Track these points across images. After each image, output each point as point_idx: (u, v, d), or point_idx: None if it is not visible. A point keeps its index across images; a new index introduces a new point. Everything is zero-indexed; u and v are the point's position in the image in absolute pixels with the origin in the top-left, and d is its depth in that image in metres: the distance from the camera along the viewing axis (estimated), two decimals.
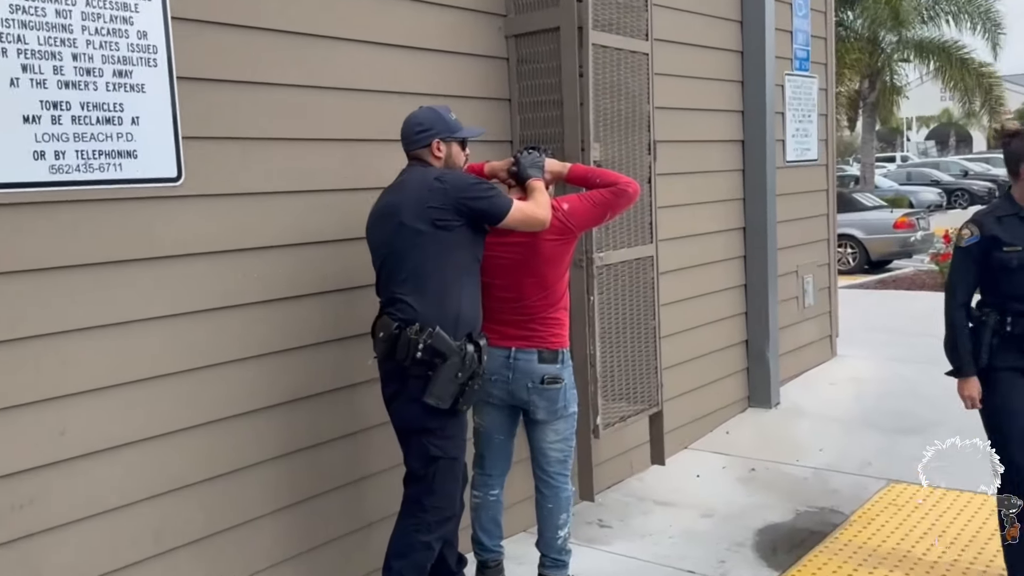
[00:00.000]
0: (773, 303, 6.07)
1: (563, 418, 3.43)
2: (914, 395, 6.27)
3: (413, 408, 3.03)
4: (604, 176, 3.38)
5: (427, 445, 3.05)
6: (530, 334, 3.35)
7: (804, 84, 6.68)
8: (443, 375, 2.97)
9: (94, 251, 2.79)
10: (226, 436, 3.15)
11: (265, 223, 3.25)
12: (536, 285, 3.33)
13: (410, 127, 3.17)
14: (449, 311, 3.02)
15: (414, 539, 3.08)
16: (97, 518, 2.82)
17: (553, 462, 3.48)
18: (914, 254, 14.55)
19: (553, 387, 3.35)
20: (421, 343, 2.95)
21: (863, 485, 4.81)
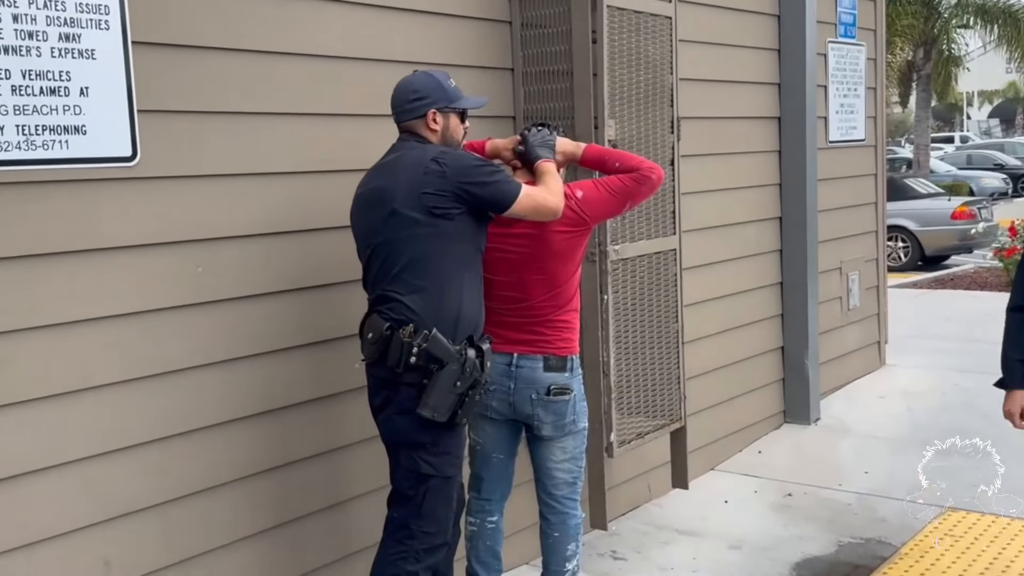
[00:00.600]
0: (813, 304, 6.08)
1: (572, 434, 3.43)
2: (974, 410, 6.27)
3: (404, 420, 3.03)
4: (623, 159, 3.37)
5: (418, 461, 3.06)
6: (535, 338, 3.35)
7: (850, 53, 6.69)
8: (440, 384, 2.97)
9: (28, 241, 2.78)
10: (187, 453, 3.16)
11: (232, 210, 3.26)
12: (544, 283, 3.33)
13: (403, 94, 3.16)
14: (448, 311, 3.03)
15: (400, 569, 3.09)
16: (35, 547, 2.83)
17: (560, 484, 3.48)
18: (975, 249, 14.56)
19: (561, 399, 3.36)
20: (416, 347, 2.96)
21: (914, 513, 4.82)
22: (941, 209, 14.56)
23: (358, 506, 3.62)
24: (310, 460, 3.49)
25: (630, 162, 3.35)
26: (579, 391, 3.42)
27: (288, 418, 3.42)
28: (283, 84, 3.38)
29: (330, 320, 3.52)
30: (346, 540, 3.61)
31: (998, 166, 28.66)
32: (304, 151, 3.45)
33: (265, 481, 3.37)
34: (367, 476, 3.60)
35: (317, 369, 3.50)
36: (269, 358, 3.36)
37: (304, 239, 3.45)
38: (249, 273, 3.30)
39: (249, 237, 3.30)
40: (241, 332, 3.29)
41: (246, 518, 3.32)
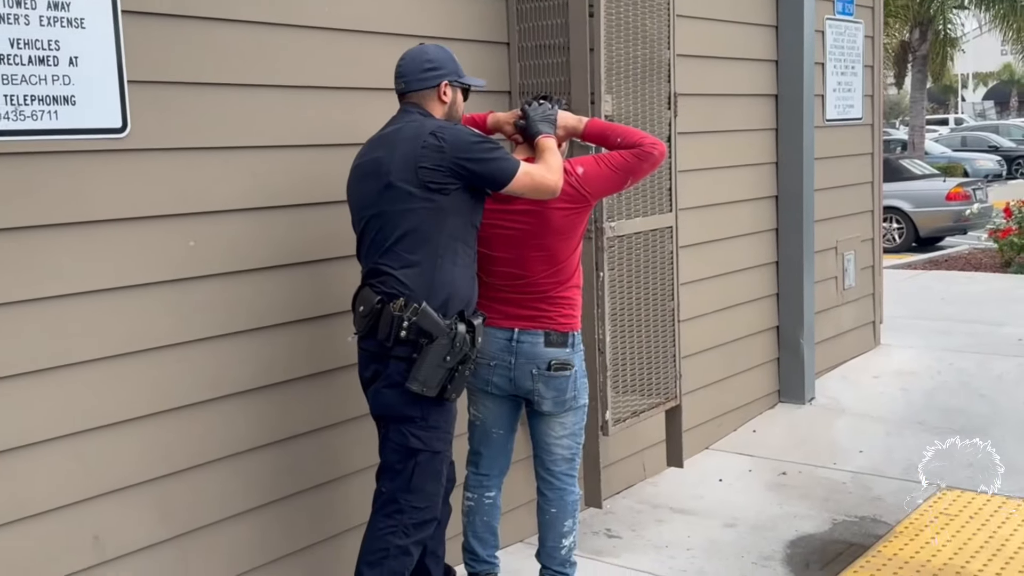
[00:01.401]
0: (809, 284, 6.06)
1: (572, 410, 3.42)
2: (969, 390, 6.28)
3: (393, 393, 3.02)
4: (626, 135, 3.33)
5: (407, 435, 3.05)
6: (537, 314, 3.33)
7: (848, 31, 6.65)
8: (429, 358, 2.96)
9: (16, 213, 2.74)
10: (179, 429, 3.13)
11: (225, 183, 3.22)
12: (544, 260, 3.31)
13: (416, 63, 3.13)
14: (440, 286, 3.01)
15: (388, 543, 3.08)
16: (24, 522, 2.80)
17: (559, 461, 3.47)
18: (969, 230, 14.58)
19: (561, 374, 3.34)
20: (406, 321, 2.94)
21: (910, 492, 4.82)
22: (936, 190, 14.56)
23: (351, 483, 3.61)
24: (303, 437, 3.48)
25: (632, 137, 3.31)
26: (580, 367, 3.41)
27: (281, 394, 3.40)
28: (276, 56, 3.34)
29: (324, 295, 3.49)
30: (339, 517, 3.59)
31: (992, 148, 28.69)
32: (298, 124, 3.41)
33: (258, 458, 3.35)
34: (360, 453, 3.58)
35: (311, 345, 3.47)
36: (262, 334, 3.33)
37: (298, 213, 3.42)
38: (242, 247, 3.27)
39: (242, 211, 3.27)
40: (234, 307, 3.26)
41: (238, 495, 3.30)
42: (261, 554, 3.37)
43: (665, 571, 4.08)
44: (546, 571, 3.55)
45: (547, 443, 3.46)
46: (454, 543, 3.64)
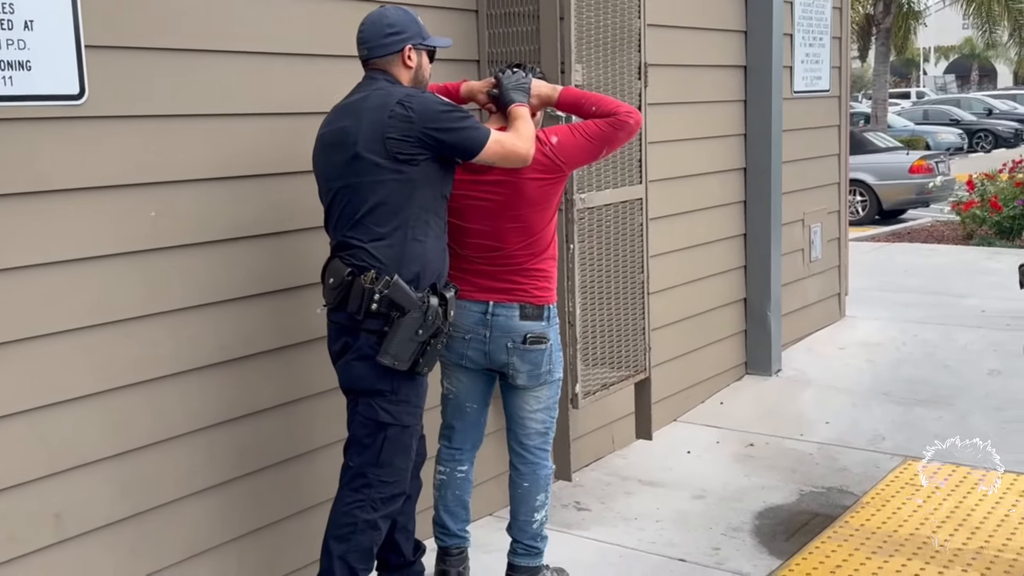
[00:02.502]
0: (776, 256, 6.07)
1: (547, 384, 3.39)
2: (933, 361, 6.34)
3: (363, 366, 2.98)
4: (601, 103, 3.27)
5: (376, 409, 3.01)
6: (512, 287, 3.29)
7: (816, 2, 6.62)
8: (401, 332, 2.92)
9: None
10: (142, 404, 3.06)
11: (187, 152, 3.13)
12: (519, 231, 3.26)
13: (378, 28, 3.04)
14: (411, 258, 2.96)
15: (356, 518, 3.04)
16: None
17: (533, 434, 3.45)
18: (932, 203, 14.71)
19: (537, 348, 3.31)
20: (377, 293, 2.89)
21: (875, 463, 4.86)
22: (899, 163, 14.65)
23: (319, 458, 3.56)
24: (269, 411, 3.42)
25: (607, 106, 3.26)
26: (555, 341, 3.37)
27: (247, 368, 3.34)
28: (239, 21, 3.25)
29: (290, 268, 3.42)
30: (306, 492, 3.55)
31: (954, 121, 28.95)
32: (263, 92, 3.33)
33: (223, 433, 3.29)
34: (328, 428, 3.53)
35: (277, 318, 3.41)
36: (227, 306, 3.26)
37: (264, 183, 3.34)
38: (206, 219, 3.19)
39: (206, 181, 3.18)
40: (197, 280, 3.18)
41: (203, 470, 3.24)
42: (226, 530, 3.32)
43: (634, 543, 4.08)
44: (517, 544, 3.53)
45: (521, 417, 3.43)
46: (424, 517, 3.61)
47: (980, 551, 3.91)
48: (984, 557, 3.87)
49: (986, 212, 11.30)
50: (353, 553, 3.05)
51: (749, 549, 4.03)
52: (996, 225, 11.13)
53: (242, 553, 3.37)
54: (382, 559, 3.34)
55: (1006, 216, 10.99)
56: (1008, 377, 5.73)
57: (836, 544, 4.03)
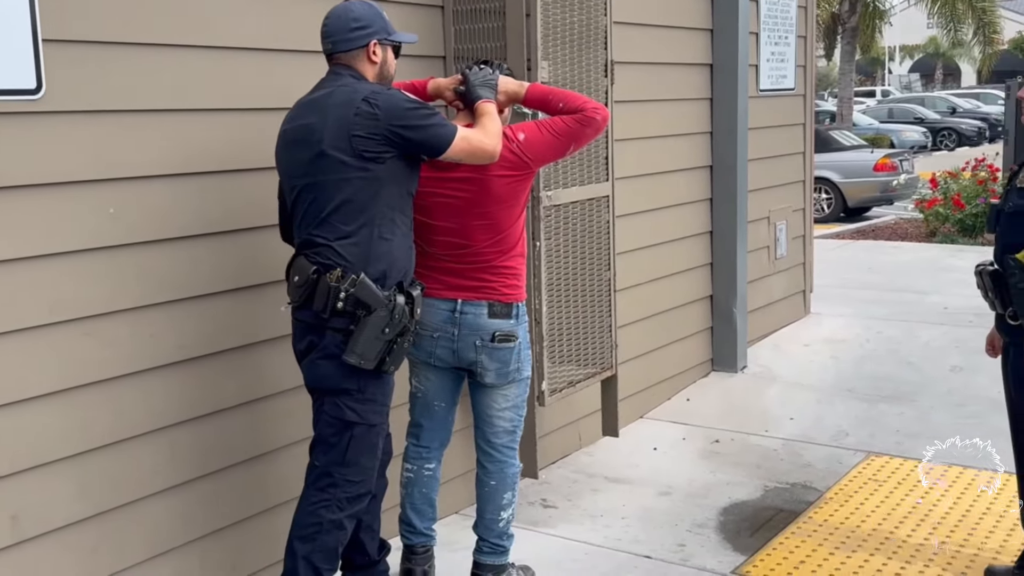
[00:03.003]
0: (742, 253, 6.10)
1: (515, 382, 3.38)
2: (896, 358, 6.40)
3: (329, 365, 2.95)
4: (568, 99, 3.26)
5: (342, 408, 2.98)
6: (480, 284, 3.27)
7: (781, 0, 6.65)
8: (368, 330, 2.89)
9: None
10: (101, 403, 3.02)
11: (147, 147, 3.09)
12: (487, 229, 3.24)
13: (343, 22, 3.00)
14: (377, 256, 2.94)
15: (321, 517, 3.02)
16: None
17: (500, 433, 3.44)
18: (896, 200, 14.85)
19: (505, 346, 3.30)
20: (343, 292, 2.87)
21: (839, 458, 4.90)
22: (864, 161, 14.77)
23: (282, 457, 3.53)
24: (232, 410, 3.38)
25: (574, 102, 3.25)
26: (524, 339, 3.37)
27: (209, 367, 3.30)
28: (202, 16, 3.20)
29: (253, 265, 3.39)
30: (270, 492, 3.51)
31: (918, 120, 29.25)
32: (226, 87, 3.29)
33: (185, 432, 3.25)
34: (292, 426, 3.50)
35: (239, 316, 3.37)
36: (188, 304, 3.23)
37: (226, 180, 3.31)
38: (166, 215, 3.15)
39: (166, 177, 3.14)
40: (157, 277, 3.14)
41: (165, 470, 3.20)
42: (188, 530, 3.28)
43: (600, 540, 4.08)
44: (483, 543, 3.52)
45: (489, 415, 3.42)
46: (389, 516, 3.59)
47: (942, 546, 3.95)
48: (946, 552, 3.90)
49: (949, 210, 11.42)
50: (318, 553, 3.02)
51: (714, 545, 4.04)
52: (959, 223, 11.26)
53: (204, 553, 3.34)
54: (347, 559, 3.31)
55: (968, 214, 11.11)
56: (970, 373, 5.80)
57: (800, 540, 4.05)
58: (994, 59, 25.04)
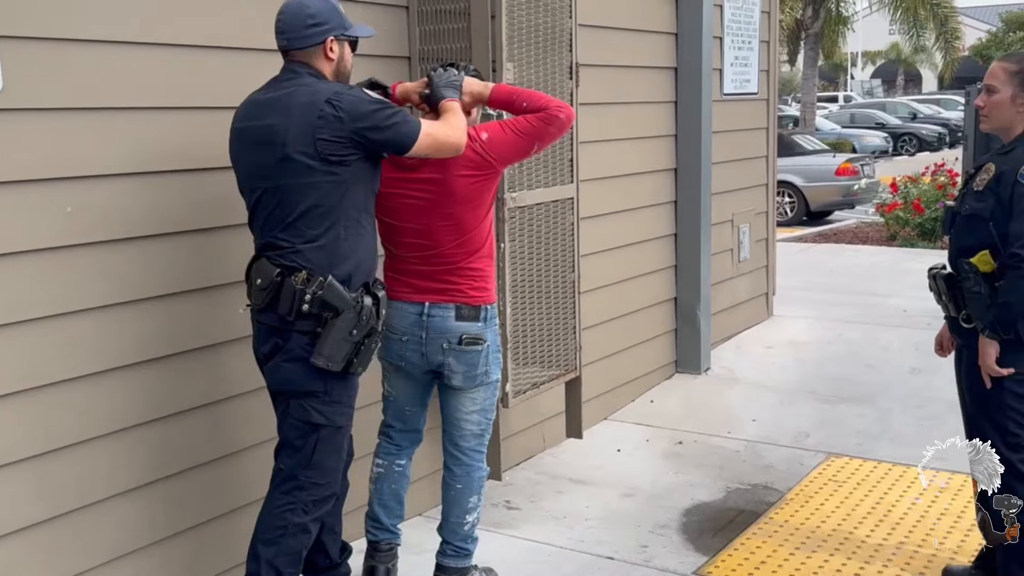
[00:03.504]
0: (706, 256, 6.14)
1: (483, 385, 3.38)
2: (857, 360, 6.47)
3: (294, 368, 2.93)
4: (532, 99, 3.26)
5: (309, 411, 2.97)
6: (447, 287, 3.27)
7: (745, 5, 6.71)
8: (335, 332, 2.88)
9: None
10: (60, 404, 2.99)
11: (105, 146, 3.06)
12: (452, 230, 3.24)
13: (298, 19, 2.95)
14: (343, 258, 2.92)
15: (287, 521, 3.00)
16: None
17: (468, 436, 3.43)
18: (857, 204, 15.01)
19: (473, 349, 3.29)
20: (309, 294, 2.85)
21: (800, 459, 4.94)
22: (826, 165, 14.91)
23: (244, 459, 3.50)
24: (194, 412, 3.35)
25: (538, 101, 3.25)
26: (493, 342, 3.36)
27: (169, 368, 3.27)
28: (160, 13, 3.17)
29: (213, 265, 3.36)
30: (232, 494, 3.49)
31: (880, 125, 29.58)
32: (185, 85, 3.26)
33: (145, 433, 3.22)
34: (254, 428, 3.48)
35: (201, 317, 3.34)
36: (147, 304, 3.19)
37: (185, 179, 3.28)
38: (125, 214, 3.12)
39: (124, 176, 3.11)
40: (116, 277, 3.11)
41: (126, 471, 3.17)
42: (150, 532, 3.25)
43: (563, 541, 4.09)
44: (447, 546, 3.51)
45: (457, 418, 3.42)
46: (351, 518, 3.58)
47: (900, 547, 4.00)
48: (904, 552, 3.95)
49: (909, 214, 11.56)
50: (282, 557, 3.01)
51: (676, 546, 4.06)
52: (919, 227, 11.40)
53: (166, 555, 3.31)
54: (309, 562, 3.29)
55: (928, 218, 11.26)
56: (928, 375, 5.87)
57: (761, 540, 4.09)
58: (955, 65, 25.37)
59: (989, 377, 3.27)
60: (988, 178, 3.25)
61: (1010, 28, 42.27)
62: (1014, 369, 3.24)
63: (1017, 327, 3.19)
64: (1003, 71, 3.27)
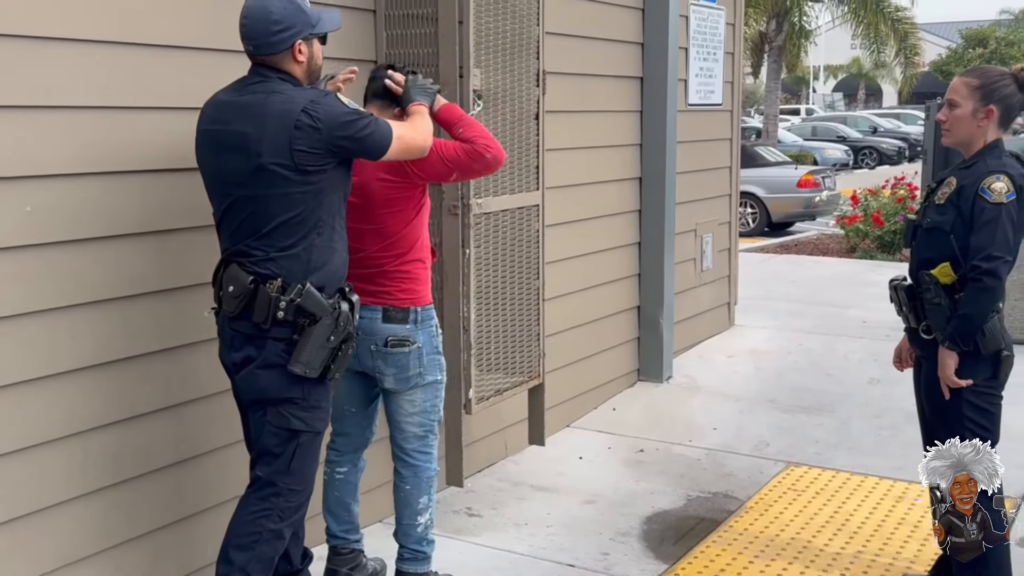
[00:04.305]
0: (669, 265, 6.16)
1: (419, 387, 3.38)
2: (817, 370, 6.52)
3: (270, 375, 2.90)
4: (468, 128, 3.26)
5: (288, 417, 2.94)
6: (376, 289, 3.30)
7: (711, 16, 6.76)
8: (313, 339, 2.87)
9: None
10: (15, 405, 2.93)
11: (64, 144, 3.01)
12: (375, 233, 3.28)
13: (263, 26, 2.88)
14: (318, 265, 2.90)
15: (262, 527, 2.97)
16: None
17: (410, 438, 3.44)
18: (818, 216, 15.17)
19: (399, 351, 3.31)
20: (285, 302, 2.83)
21: (760, 468, 4.97)
22: (788, 177, 15.06)
23: (203, 463, 3.46)
24: (152, 415, 3.30)
25: (470, 132, 3.25)
26: (427, 343, 3.36)
27: (128, 371, 3.22)
28: (122, 12, 3.12)
29: (175, 267, 3.31)
30: (191, 499, 3.44)
31: (841, 138, 29.95)
32: (142, 84, 3.20)
33: (103, 437, 3.16)
34: (216, 432, 3.43)
35: (160, 319, 3.30)
36: (108, 306, 3.14)
37: (146, 179, 3.23)
38: (85, 214, 3.07)
39: (84, 175, 3.06)
40: (76, 278, 3.06)
41: (79, 476, 3.11)
42: (103, 539, 3.19)
43: (524, 548, 4.08)
44: (404, 550, 3.50)
45: (397, 421, 3.44)
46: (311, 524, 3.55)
47: (858, 555, 4.03)
48: (862, 560, 3.98)
49: (869, 227, 11.69)
50: (255, 563, 2.97)
51: (637, 554, 4.07)
52: (878, 239, 11.54)
53: (121, 560, 3.25)
54: None
55: (887, 231, 11.39)
56: (887, 385, 5.93)
57: (720, 548, 4.10)
58: (915, 80, 25.76)
59: (948, 388, 3.31)
60: (950, 192, 3.30)
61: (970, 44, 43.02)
62: (972, 380, 3.28)
63: (976, 339, 3.23)
64: (965, 86, 3.32)
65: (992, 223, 3.16)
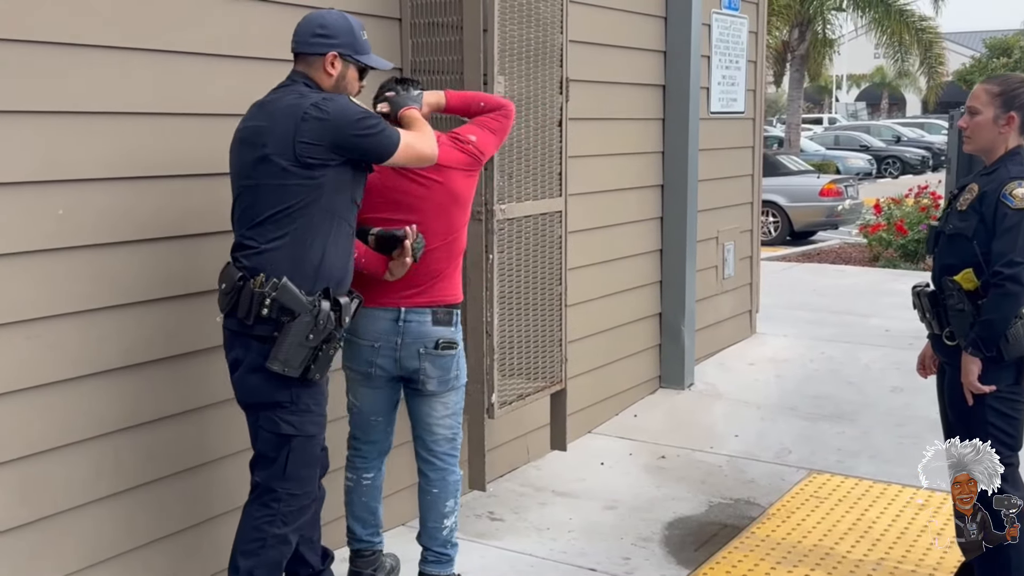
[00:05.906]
0: (691, 272, 6.16)
1: (455, 389, 3.42)
2: (838, 378, 6.50)
3: (258, 378, 2.91)
4: (487, 100, 3.49)
5: (278, 422, 2.95)
6: (424, 290, 3.31)
7: (733, 25, 6.77)
8: (291, 336, 2.85)
9: None
10: (44, 407, 2.97)
11: (95, 149, 3.05)
12: (443, 232, 3.33)
13: (309, 26, 2.99)
14: (306, 262, 2.90)
15: (266, 532, 2.99)
16: None
17: (441, 440, 3.45)
18: (840, 225, 15.10)
19: (448, 353, 3.34)
20: (267, 297, 2.83)
21: (782, 475, 4.95)
22: (810, 186, 15.01)
23: (225, 466, 3.48)
24: (175, 418, 3.33)
25: (492, 101, 3.48)
26: (461, 345, 3.42)
27: (152, 374, 3.25)
28: (148, 19, 3.17)
29: (198, 272, 3.34)
30: (213, 501, 3.47)
31: (863, 147, 29.80)
32: (174, 91, 3.25)
33: (128, 439, 3.19)
34: (236, 436, 3.44)
35: (184, 323, 3.33)
36: (133, 309, 3.18)
37: (174, 184, 3.27)
38: (114, 218, 3.11)
39: (114, 180, 3.10)
40: (104, 281, 3.09)
41: (107, 476, 3.14)
42: (130, 539, 3.23)
43: (546, 553, 4.09)
44: (428, 552, 3.51)
45: (429, 424, 3.43)
46: (332, 527, 3.57)
47: (880, 562, 4.01)
48: (884, 567, 3.96)
49: (892, 235, 11.64)
50: (261, 569, 2.99)
51: (658, 559, 4.07)
52: (901, 248, 11.48)
53: (146, 561, 3.28)
54: (291, 572, 3.27)
55: (911, 239, 11.34)
56: (909, 394, 5.90)
57: (743, 554, 4.09)
58: (939, 90, 25.60)
59: (971, 394, 3.30)
60: (971, 198, 3.29)
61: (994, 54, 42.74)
62: (995, 386, 3.26)
63: (999, 345, 3.22)
64: (985, 93, 3.32)
65: (1014, 229, 3.16)
